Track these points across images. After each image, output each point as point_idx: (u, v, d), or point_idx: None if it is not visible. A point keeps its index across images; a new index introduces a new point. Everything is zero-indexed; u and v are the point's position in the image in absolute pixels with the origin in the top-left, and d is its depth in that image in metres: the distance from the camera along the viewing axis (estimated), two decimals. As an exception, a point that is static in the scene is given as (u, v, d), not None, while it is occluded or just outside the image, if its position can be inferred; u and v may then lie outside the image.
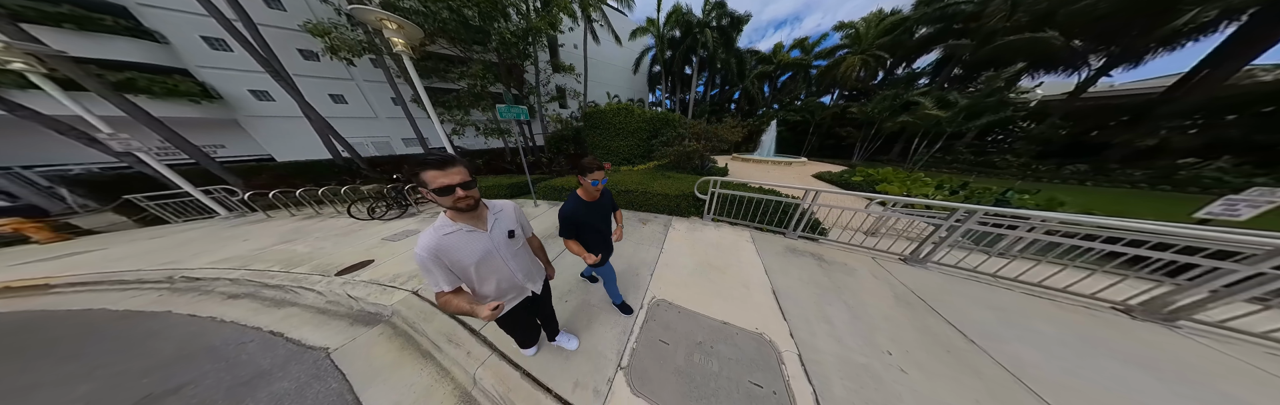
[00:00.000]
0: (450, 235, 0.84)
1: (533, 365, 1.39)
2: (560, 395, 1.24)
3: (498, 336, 1.56)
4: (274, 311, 2.07)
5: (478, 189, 0.81)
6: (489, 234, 0.91)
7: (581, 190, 1.32)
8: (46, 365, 1.65)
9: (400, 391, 1.39)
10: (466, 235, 0.86)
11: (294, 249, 3.08)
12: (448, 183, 0.73)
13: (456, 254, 0.85)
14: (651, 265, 2.38)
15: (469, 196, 0.78)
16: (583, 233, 1.33)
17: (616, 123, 7.03)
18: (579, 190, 1.33)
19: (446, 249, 0.83)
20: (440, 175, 0.72)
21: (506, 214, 0.98)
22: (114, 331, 1.91)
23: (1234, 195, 3.43)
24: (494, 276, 0.95)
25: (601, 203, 1.38)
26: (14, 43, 3.17)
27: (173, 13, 7.19)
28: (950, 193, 5.75)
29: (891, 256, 2.72)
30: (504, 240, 0.95)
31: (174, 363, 1.57)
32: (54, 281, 2.56)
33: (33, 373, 1.59)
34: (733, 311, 1.79)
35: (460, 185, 0.75)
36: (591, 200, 1.33)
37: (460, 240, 0.85)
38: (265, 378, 1.44)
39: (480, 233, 0.89)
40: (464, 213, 0.84)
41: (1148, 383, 1.43)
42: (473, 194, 0.79)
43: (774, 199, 3.10)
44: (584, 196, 1.32)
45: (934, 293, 2.14)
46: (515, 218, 1.01)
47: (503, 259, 0.95)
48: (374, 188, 4.81)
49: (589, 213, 1.32)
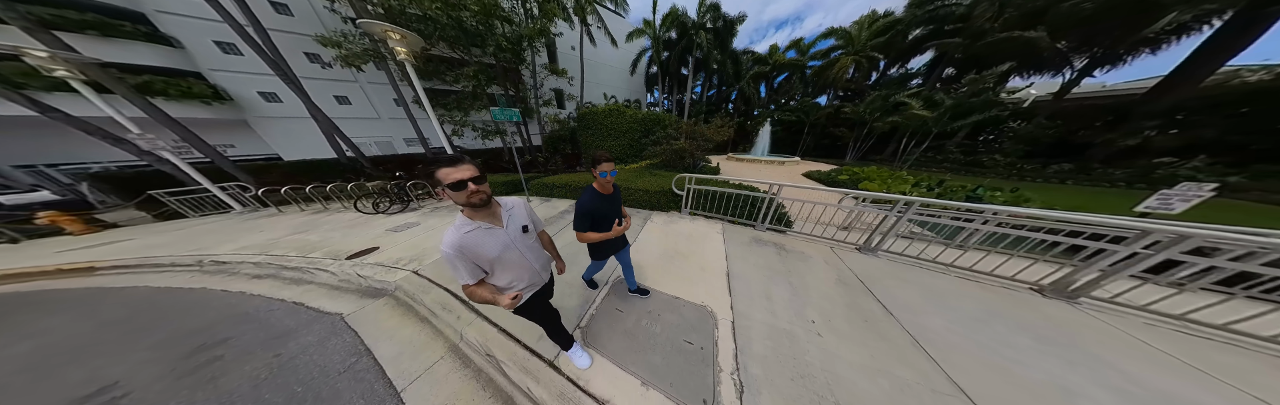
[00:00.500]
0: (471, 233, 0.89)
1: (509, 324, 1.70)
2: (527, 345, 1.55)
3: (491, 311, 1.86)
4: (294, 288, 2.39)
5: (488, 185, 0.86)
6: (505, 230, 0.96)
7: (596, 184, 1.37)
8: (112, 326, 1.97)
9: (402, 346, 1.70)
10: (485, 232, 0.91)
11: (307, 238, 3.40)
12: (460, 177, 0.78)
13: (479, 249, 0.90)
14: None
15: (480, 191, 0.83)
16: (598, 226, 1.38)
17: (608, 123, 7.35)
18: (594, 184, 1.38)
19: (468, 245, 0.88)
20: (453, 171, 0.78)
21: (518, 210, 1.04)
22: (160, 303, 2.24)
23: (1167, 190, 3.71)
24: (513, 269, 1.01)
25: (615, 196, 1.44)
26: (57, 53, 3.51)
27: (188, 19, 7.55)
28: (927, 189, 6.02)
29: (849, 246, 3.00)
30: (519, 235, 1.01)
31: (216, 324, 1.89)
32: (98, 265, 2.89)
33: (103, 332, 1.91)
34: (686, 289, 2.09)
35: (471, 180, 0.80)
36: (606, 193, 1.38)
37: (480, 237, 0.90)
38: (293, 334, 1.76)
39: (497, 229, 0.94)
40: (478, 209, 0.89)
41: (1028, 345, 1.71)
42: (484, 189, 0.84)
43: (745, 194, 3.38)
44: (599, 189, 1.37)
45: (875, 276, 2.42)
46: (526, 214, 1.07)
47: (520, 252, 1.01)
48: (377, 184, 5.14)
49: (605, 205, 1.37)
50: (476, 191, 0.83)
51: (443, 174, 0.78)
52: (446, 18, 6.28)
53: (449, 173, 0.78)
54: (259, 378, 1.47)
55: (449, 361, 1.59)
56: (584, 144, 8.09)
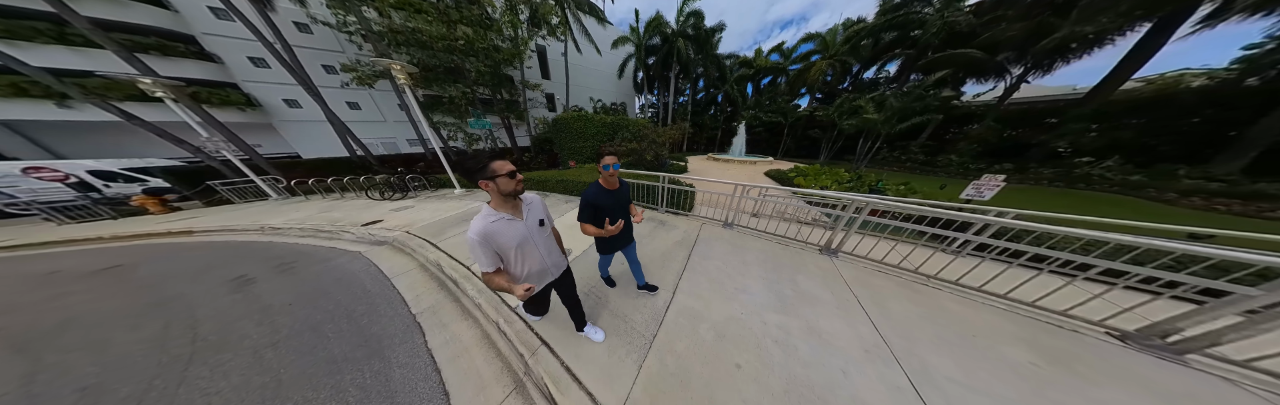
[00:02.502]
0: (495, 223, 0.97)
1: (450, 249, 2.92)
2: (456, 258, 2.78)
3: (449, 247, 3.08)
4: (329, 241, 3.67)
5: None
6: (524, 222, 1.05)
7: (601, 178, 1.47)
8: (222, 259, 3.26)
9: (393, 264, 2.94)
10: (507, 223, 1.00)
11: (332, 214, 4.70)
12: (512, 168, 0.91)
13: (500, 238, 0.98)
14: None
15: (523, 180, 0.95)
16: (599, 218, 1.45)
17: (577, 127, 8.55)
18: (599, 179, 1.49)
19: (492, 234, 0.96)
20: (505, 164, 0.91)
21: (536, 205, 1.12)
22: (244, 247, 3.53)
23: (978, 181, 4.77)
24: (528, 259, 1.09)
25: (621, 192, 1.51)
26: (158, 78, 4.85)
27: (227, 39, 8.97)
28: (837, 184, 7.12)
29: (716, 222, 4.12)
30: (536, 228, 1.09)
31: (285, 256, 3.17)
32: (195, 228, 4.22)
33: (218, 259, 3.20)
34: (571, 244, 3.27)
35: (511, 173, 0.92)
36: (611, 188, 1.46)
37: (503, 227, 0.99)
38: (331, 260, 3.03)
39: (518, 221, 1.03)
40: (506, 200, 0.99)
41: (759, 274, 2.84)
42: (522, 178, 0.96)
43: (650, 184, 4.50)
44: (604, 184, 1.47)
45: (708, 240, 3.45)
46: (542, 209, 1.15)
47: (535, 244, 1.09)
48: (383, 178, 6.44)
49: (607, 199, 1.45)
50: (522, 180, 0.95)
51: (497, 165, 0.90)
52: (440, 49, 7.56)
53: (502, 165, 0.90)
54: (317, 273, 2.74)
55: (419, 272, 2.81)
56: (559, 145, 9.32)
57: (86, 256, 3.67)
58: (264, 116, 10.52)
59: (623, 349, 1.59)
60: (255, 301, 2.32)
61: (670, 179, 4.18)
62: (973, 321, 1.90)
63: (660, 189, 4.23)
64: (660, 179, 4.22)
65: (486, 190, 0.95)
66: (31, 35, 6.85)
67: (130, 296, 2.56)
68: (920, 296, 2.18)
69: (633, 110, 23.69)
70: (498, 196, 0.99)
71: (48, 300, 2.59)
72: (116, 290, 2.69)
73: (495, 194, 0.97)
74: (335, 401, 1.40)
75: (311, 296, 2.35)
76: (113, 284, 2.82)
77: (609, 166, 1.37)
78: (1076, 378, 1.48)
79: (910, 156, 14.74)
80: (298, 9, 8.55)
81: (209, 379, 1.57)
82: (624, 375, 1.43)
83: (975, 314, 1.99)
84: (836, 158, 18.36)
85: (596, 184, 1.49)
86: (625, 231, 1.63)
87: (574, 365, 1.49)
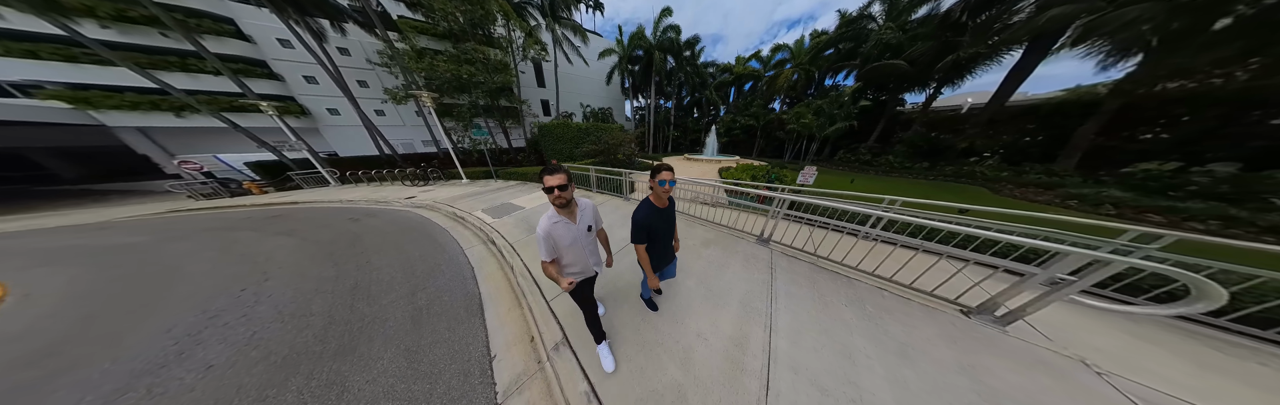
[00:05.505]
0: (555, 224, 1.19)
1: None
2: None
3: (466, 206, 5.47)
4: (386, 207, 6.10)
5: (572, 190, 1.12)
6: (577, 226, 1.25)
7: (652, 196, 1.35)
8: (322, 216, 5.69)
9: (433, 215, 5.32)
10: (563, 225, 1.21)
11: (381, 194, 7.16)
12: (550, 185, 1.06)
13: (557, 237, 1.20)
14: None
15: (561, 196, 1.10)
16: (653, 239, 1.36)
17: (559, 132, 10.86)
18: (650, 196, 1.36)
19: (551, 232, 1.18)
20: (549, 179, 1.06)
21: (588, 212, 1.30)
22: (333, 210, 5.99)
23: (805, 170, 6.96)
24: (575, 257, 1.30)
25: (669, 211, 1.42)
26: (267, 98, 7.36)
27: (289, 62, 11.55)
28: (752, 177, 9.33)
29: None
30: (583, 232, 1.28)
31: (366, 210, 5.60)
32: (299, 199, 6.72)
33: (318, 217, 5.65)
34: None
35: (558, 187, 1.06)
36: (662, 206, 1.37)
37: (560, 228, 1.21)
38: (396, 213, 5.44)
39: (572, 225, 1.24)
40: (561, 207, 1.18)
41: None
42: (565, 194, 1.11)
43: (610, 177, 6.79)
44: (655, 202, 1.35)
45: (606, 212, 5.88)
46: (593, 215, 1.34)
47: (582, 245, 1.30)
48: (412, 170, 8.92)
49: (659, 220, 1.36)
50: (558, 196, 1.10)
51: (544, 180, 1.07)
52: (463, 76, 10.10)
53: (547, 180, 1.07)
54: (390, 218, 5.16)
55: (443, 218, 5.17)
56: (545, 147, 11.67)
57: (252, 212, 6.18)
58: (313, 122, 13.16)
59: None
60: (370, 224, 4.75)
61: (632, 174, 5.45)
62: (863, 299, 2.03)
63: (623, 182, 5.36)
64: (623, 174, 5.75)
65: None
66: (165, 66, 9.47)
67: (310, 225, 5.01)
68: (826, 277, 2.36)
69: (622, 114, 25.89)
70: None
71: (295, 225, 5.07)
72: (296, 225, 5.15)
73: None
74: (422, 262, 3.66)
75: (394, 225, 4.76)
76: (291, 221, 5.28)
77: (666, 182, 1.25)
78: (928, 345, 1.61)
79: (858, 157, 16.76)
80: (337, 36, 11.11)
81: (379, 246, 3.96)
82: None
83: (852, 290, 2.16)
84: (797, 157, 20.40)
85: (647, 202, 1.36)
86: (668, 248, 1.56)
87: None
